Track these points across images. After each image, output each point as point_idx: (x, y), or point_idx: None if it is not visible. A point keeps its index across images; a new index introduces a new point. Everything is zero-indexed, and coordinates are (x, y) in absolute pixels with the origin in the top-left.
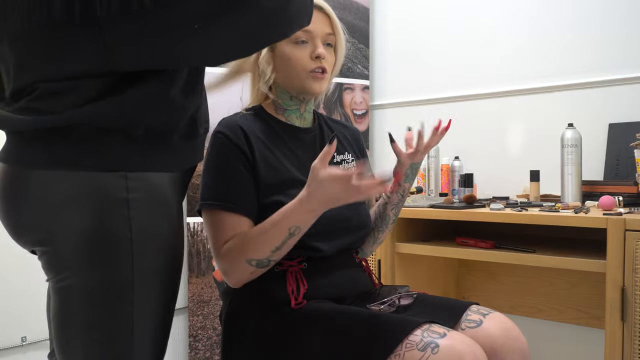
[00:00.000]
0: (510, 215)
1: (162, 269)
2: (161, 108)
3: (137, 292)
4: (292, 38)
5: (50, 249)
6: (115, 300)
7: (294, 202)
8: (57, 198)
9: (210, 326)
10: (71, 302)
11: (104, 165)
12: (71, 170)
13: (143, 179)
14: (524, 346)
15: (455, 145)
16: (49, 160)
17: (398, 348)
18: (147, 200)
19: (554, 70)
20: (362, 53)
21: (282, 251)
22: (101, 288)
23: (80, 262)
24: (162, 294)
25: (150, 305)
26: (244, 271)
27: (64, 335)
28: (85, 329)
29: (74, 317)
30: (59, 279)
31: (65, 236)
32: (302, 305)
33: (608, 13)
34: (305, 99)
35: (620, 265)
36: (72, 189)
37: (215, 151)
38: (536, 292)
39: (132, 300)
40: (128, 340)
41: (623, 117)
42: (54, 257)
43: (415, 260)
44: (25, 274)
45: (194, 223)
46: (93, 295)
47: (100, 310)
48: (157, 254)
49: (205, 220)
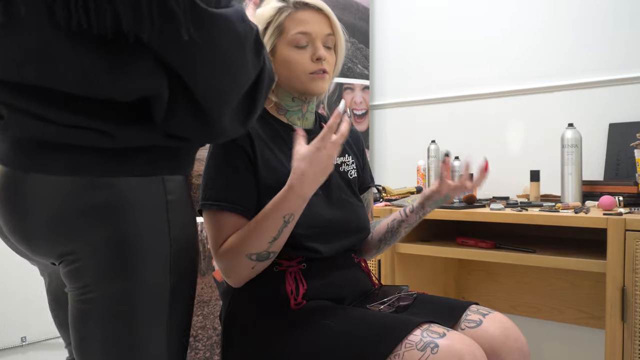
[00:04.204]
0: (510, 215)
1: (192, 271)
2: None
3: (171, 296)
4: (293, 41)
5: (76, 260)
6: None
7: (284, 190)
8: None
9: (210, 326)
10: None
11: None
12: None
13: (176, 181)
14: (523, 346)
15: (455, 145)
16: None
17: (397, 348)
18: (182, 202)
19: (554, 70)
20: (362, 53)
21: (279, 241)
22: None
23: (106, 272)
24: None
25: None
26: (245, 267)
27: (85, 344)
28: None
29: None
30: (84, 291)
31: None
32: (301, 305)
33: (608, 13)
34: (307, 100)
35: (620, 265)
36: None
37: (217, 151)
38: (536, 292)
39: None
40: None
41: (623, 117)
42: (80, 268)
43: (415, 260)
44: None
45: None
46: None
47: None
48: (189, 255)
49: (206, 220)
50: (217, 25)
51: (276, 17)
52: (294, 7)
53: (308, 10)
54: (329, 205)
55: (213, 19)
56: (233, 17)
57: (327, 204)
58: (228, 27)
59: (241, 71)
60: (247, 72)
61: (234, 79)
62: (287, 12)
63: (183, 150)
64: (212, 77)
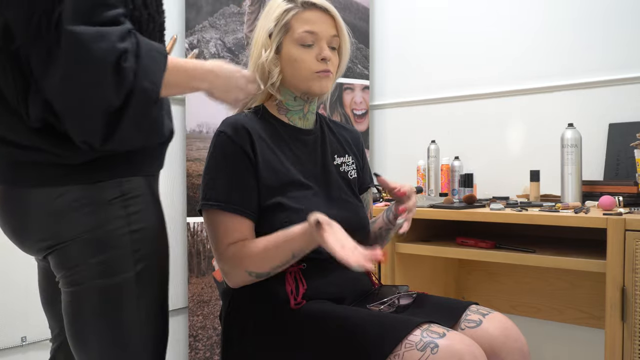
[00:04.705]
0: (510, 215)
1: (157, 258)
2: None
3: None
4: (299, 40)
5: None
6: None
7: (299, 231)
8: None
9: (210, 326)
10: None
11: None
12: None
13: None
14: (523, 346)
15: (455, 145)
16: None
17: (397, 348)
18: (142, 199)
19: (554, 70)
20: (362, 53)
21: (282, 268)
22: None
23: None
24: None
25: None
26: (243, 278)
27: (77, 324)
28: (96, 318)
29: (85, 308)
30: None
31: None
32: (301, 305)
33: (608, 13)
34: (310, 100)
35: (620, 265)
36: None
37: (218, 151)
38: (536, 292)
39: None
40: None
41: (623, 117)
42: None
43: (415, 260)
44: (25, 274)
45: (194, 223)
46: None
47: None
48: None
49: (206, 220)
50: (69, 42)
51: (283, 15)
52: (301, 6)
53: (315, 10)
54: (329, 204)
55: (66, 37)
56: (87, 37)
57: (327, 203)
58: (78, 46)
59: (90, 89)
60: (101, 91)
61: (85, 96)
62: (295, 11)
63: (135, 154)
64: (60, 94)
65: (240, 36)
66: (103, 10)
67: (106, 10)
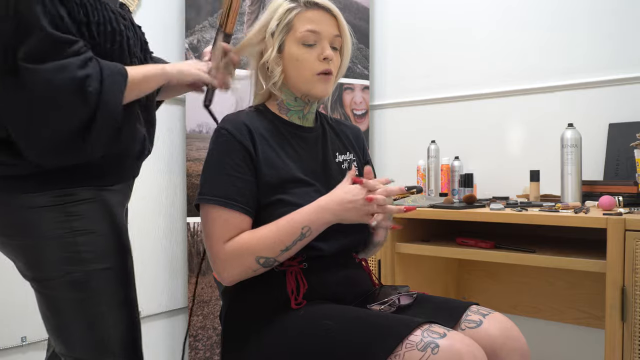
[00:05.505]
0: (510, 215)
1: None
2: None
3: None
4: (301, 39)
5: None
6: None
7: (307, 206)
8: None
9: (210, 326)
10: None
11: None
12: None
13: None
14: (523, 346)
15: (455, 145)
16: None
17: (398, 348)
18: (88, 206)
19: (554, 70)
20: (362, 53)
21: (289, 252)
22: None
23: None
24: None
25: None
26: (247, 268)
27: (57, 318)
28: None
29: (60, 301)
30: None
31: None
32: (302, 305)
33: (608, 13)
34: (310, 101)
35: (620, 265)
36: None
37: (218, 147)
38: (536, 292)
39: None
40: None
41: (623, 117)
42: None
43: (415, 260)
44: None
45: (194, 223)
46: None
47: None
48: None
49: (203, 215)
50: (31, 80)
51: (286, 14)
52: (304, 6)
53: (318, 10)
54: None
55: (28, 74)
56: (48, 71)
57: None
58: (39, 80)
59: (54, 113)
60: (65, 114)
61: (49, 121)
62: (297, 10)
63: (88, 166)
64: (15, 118)
65: (240, 36)
66: (65, 48)
67: (68, 47)
